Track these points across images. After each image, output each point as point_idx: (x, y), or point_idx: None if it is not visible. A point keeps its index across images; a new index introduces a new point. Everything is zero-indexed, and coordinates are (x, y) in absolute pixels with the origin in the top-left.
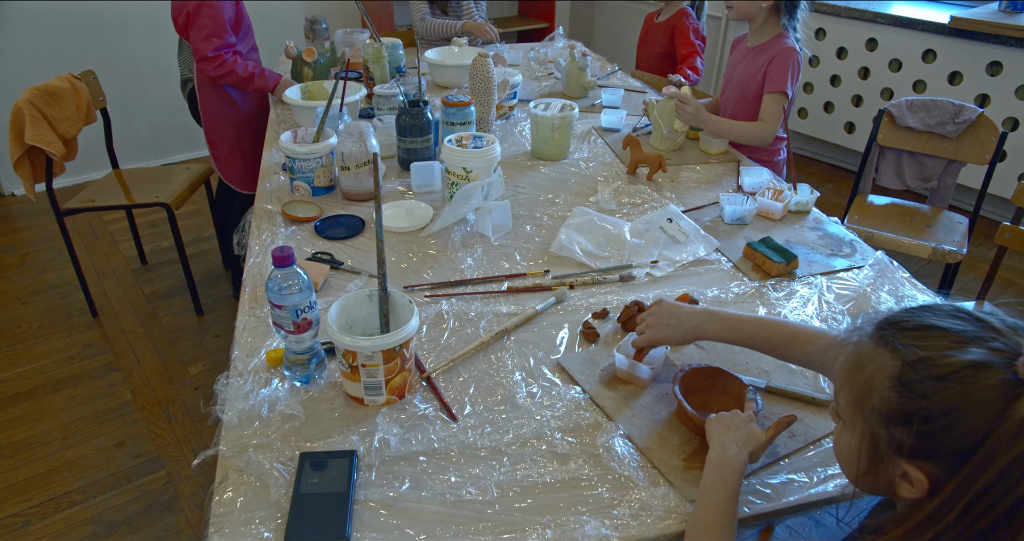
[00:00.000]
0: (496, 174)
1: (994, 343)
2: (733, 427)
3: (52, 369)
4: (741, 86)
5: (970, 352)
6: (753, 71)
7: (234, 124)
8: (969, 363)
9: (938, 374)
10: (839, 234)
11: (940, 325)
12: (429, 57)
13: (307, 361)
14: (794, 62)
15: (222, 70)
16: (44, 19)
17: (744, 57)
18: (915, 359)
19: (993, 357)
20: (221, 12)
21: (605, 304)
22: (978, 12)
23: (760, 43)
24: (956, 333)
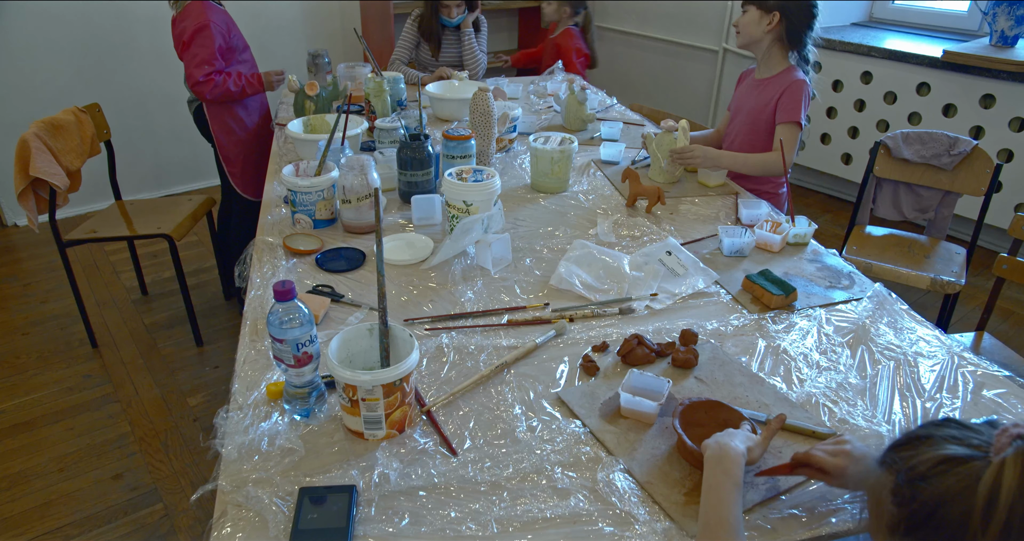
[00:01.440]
0: (496, 207)
1: (972, 440)
2: (727, 432)
3: (50, 400)
4: (751, 118)
5: (944, 449)
6: (763, 103)
7: (244, 138)
8: (943, 458)
9: (919, 474)
10: (837, 266)
11: (926, 434)
12: (430, 91)
13: (307, 395)
14: (806, 94)
15: (217, 91)
16: (52, 53)
17: (753, 89)
18: (902, 469)
19: (968, 451)
20: (212, 42)
21: (605, 337)
22: (969, 46)
23: (769, 76)
24: (939, 438)
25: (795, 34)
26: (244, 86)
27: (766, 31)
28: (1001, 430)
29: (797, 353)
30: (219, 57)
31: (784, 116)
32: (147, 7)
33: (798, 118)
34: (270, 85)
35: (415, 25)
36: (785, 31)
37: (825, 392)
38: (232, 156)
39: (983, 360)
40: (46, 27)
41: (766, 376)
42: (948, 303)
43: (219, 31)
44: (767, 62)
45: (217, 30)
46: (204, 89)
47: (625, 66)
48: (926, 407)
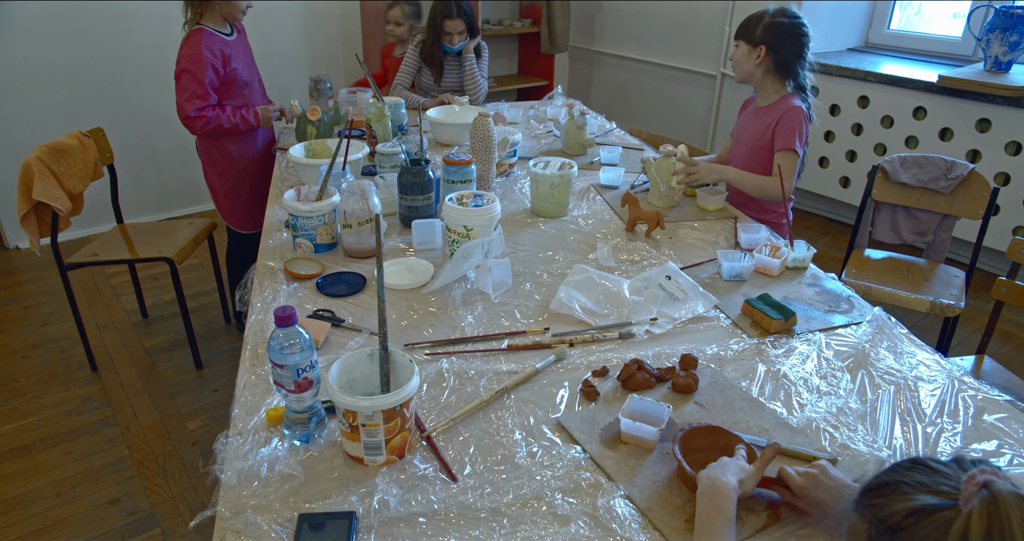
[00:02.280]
0: (496, 232)
1: (941, 487)
2: (719, 464)
3: (49, 424)
4: (751, 145)
5: (915, 499)
6: (762, 130)
7: (231, 170)
8: (913, 509)
9: (891, 526)
10: (837, 290)
11: (895, 481)
12: (431, 116)
13: (307, 420)
14: (802, 121)
15: (208, 127)
16: (57, 77)
17: (753, 117)
18: (873, 518)
19: (938, 500)
20: (203, 75)
21: (605, 362)
22: (964, 71)
23: (768, 104)
24: (907, 485)
25: (785, 65)
26: (238, 123)
27: (756, 65)
28: (968, 477)
29: (797, 378)
30: (211, 91)
31: (780, 143)
32: (151, 32)
33: (793, 145)
34: (267, 121)
35: (417, 51)
36: (774, 63)
37: (826, 417)
38: (216, 186)
39: (983, 384)
40: (51, 52)
41: (766, 401)
42: (948, 326)
43: (212, 63)
44: (764, 92)
45: (209, 62)
46: (195, 124)
47: (624, 91)
48: (927, 432)
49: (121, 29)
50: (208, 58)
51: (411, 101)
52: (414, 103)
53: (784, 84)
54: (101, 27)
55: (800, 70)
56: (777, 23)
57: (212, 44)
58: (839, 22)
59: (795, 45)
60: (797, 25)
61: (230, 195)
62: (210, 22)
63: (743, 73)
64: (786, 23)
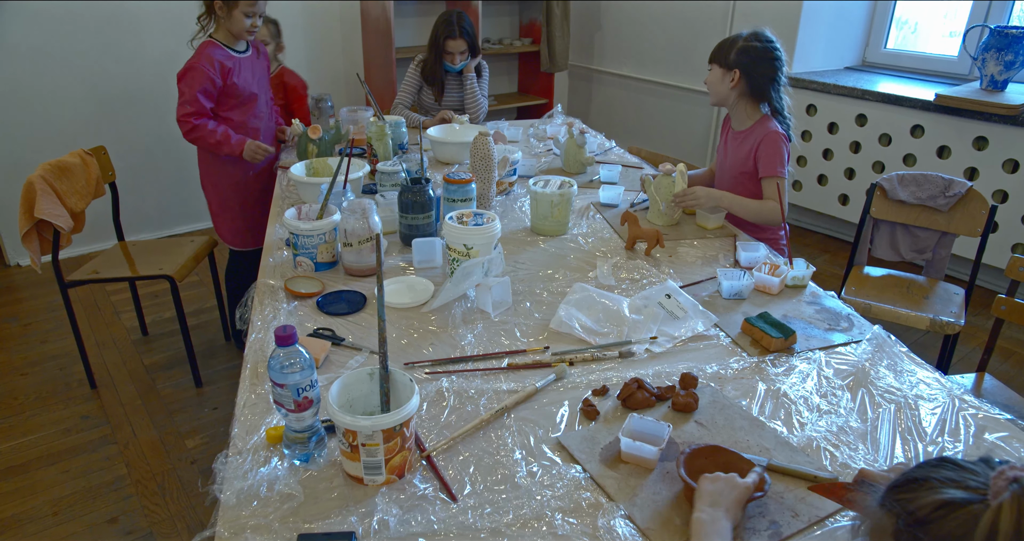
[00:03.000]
0: (496, 251)
1: (969, 482)
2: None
3: (47, 442)
4: (735, 171)
5: (943, 492)
6: (743, 156)
7: (223, 184)
8: (942, 503)
9: (919, 519)
10: (836, 308)
11: (923, 476)
12: (431, 134)
13: (307, 439)
14: (781, 145)
15: (193, 134)
16: (61, 96)
17: (732, 140)
18: (901, 512)
19: (966, 494)
20: (196, 83)
21: (605, 380)
22: (961, 90)
23: (744, 128)
24: (936, 480)
25: (758, 89)
26: (220, 141)
27: (730, 88)
28: (998, 473)
29: (797, 396)
30: (201, 99)
31: (765, 171)
32: (155, 52)
33: (778, 171)
34: (251, 156)
35: (418, 70)
36: (748, 87)
37: (826, 436)
38: (210, 197)
39: (984, 403)
40: (56, 71)
41: (766, 420)
42: (948, 343)
43: (209, 74)
44: (739, 116)
45: (206, 73)
46: (182, 128)
47: (623, 109)
48: (928, 451)
49: (126, 50)
50: (205, 68)
51: (412, 120)
52: (414, 122)
53: (758, 107)
54: (106, 48)
55: (774, 93)
56: (751, 47)
57: (214, 55)
58: (836, 41)
59: (768, 69)
60: (770, 49)
61: (222, 209)
62: (220, 36)
63: (717, 96)
64: (759, 47)
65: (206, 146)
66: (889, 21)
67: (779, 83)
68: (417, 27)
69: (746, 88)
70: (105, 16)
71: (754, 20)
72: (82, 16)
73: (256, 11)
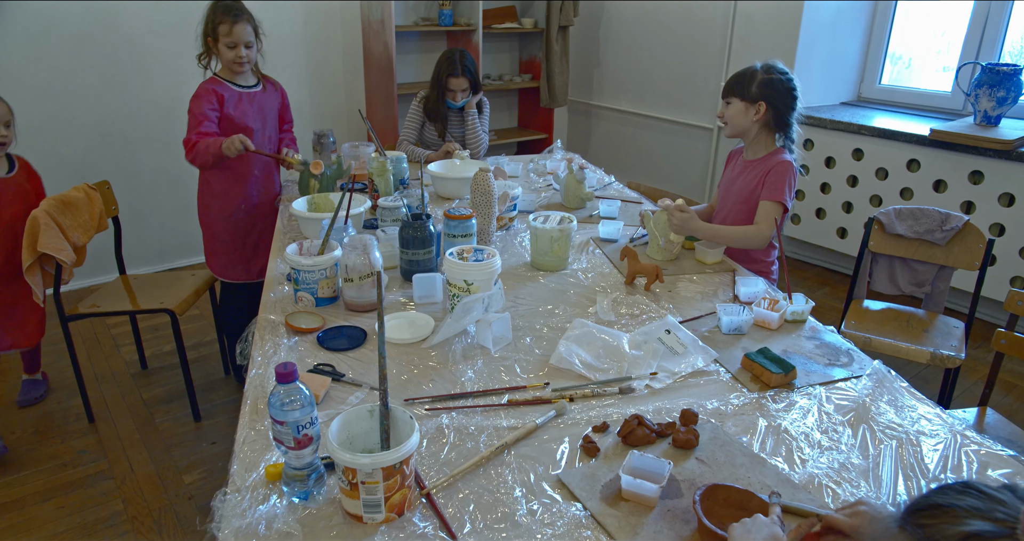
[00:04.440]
0: (497, 287)
1: (996, 513)
2: (755, 530)
3: (43, 477)
4: (742, 197)
5: (969, 524)
6: (752, 184)
7: (214, 212)
8: (966, 535)
9: None
10: (836, 343)
11: (948, 503)
12: (432, 170)
13: (306, 477)
14: (791, 174)
15: (193, 153)
16: (66, 131)
17: (743, 171)
18: (925, 538)
19: (993, 527)
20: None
21: (605, 417)
22: (955, 125)
23: (758, 157)
24: (961, 509)
25: (781, 119)
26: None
27: (754, 121)
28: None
29: (798, 432)
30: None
31: (767, 194)
32: (158, 90)
33: (781, 197)
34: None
35: (420, 106)
36: (772, 117)
37: (828, 473)
38: (204, 227)
39: (986, 439)
40: (62, 107)
41: (767, 456)
42: (949, 377)
43: (207, 100)
44: (755, 146)
45: (207, 99)
46: (186, 150)
47: (622, 144)
48: (931, 488)
49: (130, 87)
50: (203, 95)
51: (416, 154)
52: (419, 156)
53: (775, 138)
54: (111, 84)
55: (793, 122)
56: (773, 80)
57: (212, 86)
58: (832, 77)
59: (789, 100)
60: (789, 80)
61: (211, 239)
62: (222, 73)
63: (738, 129)
64: (781, 79)
65: (202, 161)
66: (883, 57)
67: (796, 112)
68: (419, 63)
69: (769, 119)
70: (110, 53)
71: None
72: (88, 53)
73: (236, 41)
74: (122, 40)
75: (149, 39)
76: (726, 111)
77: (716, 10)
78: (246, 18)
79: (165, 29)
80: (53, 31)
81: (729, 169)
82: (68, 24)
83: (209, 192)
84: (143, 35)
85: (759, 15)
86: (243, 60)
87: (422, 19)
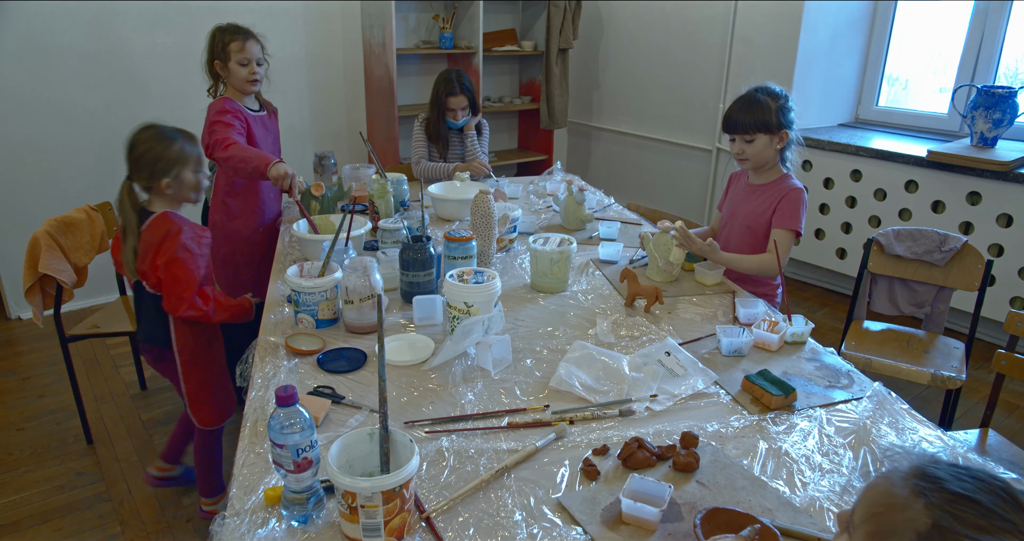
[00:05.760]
0: (497, 309)
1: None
2: None
3: (40, 499)
4: (748, 223)
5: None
6: (762, 210)
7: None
8: None
9: None
10: (836, 365)
11: (978, 499)
12: (432, 192)
13: (306, 500)
14: (803, 203)
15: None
16: (69, 153)
17: (750, 195)
18: (944, 526)
19: None
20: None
21: (605, 440)
22: (952, 147)
23: (765, 182)
24: (989, 512)
25: (789, 143)
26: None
27: (776, 149)
28: None
29: (799, 455)
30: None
31: (782, 222)
32: (160, 112)
33: (797, 226)
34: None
35: (423, 128)
36: (791, 138)
37: (829, 496)
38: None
39: (988, 461)
40: (65, 129)
41: (768, 479)
42: (951, 398)
43: (236, 113)
44: (766, 172)
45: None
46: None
47: (621, 165)
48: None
49: (132, 109)
50: (230, 110)
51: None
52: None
53: (779, 161)
54: (113, 106)
55: (796, 145)
56: (783, 106)
57: (232, 104)
58: (830, 99)
59: (792, 122)
60: (790, 100)
61: (218, 260)
62: (231, 96)
63: (763, 161)
64: (787, 102)
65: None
66: (880, 79)
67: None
68: (419, 86)
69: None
70: (112, 75)
71: (749, 78)
72: (91, 75)
73: (249, 58)
74: (124, 62)
75: (151, 61)
76: (748, 148)
77: (714, 33)
78: (255, 37)
79: (167, 51)
80: (56, 52)
81: (732, 192)
82: (71, 45)
83: (227, 214)
84: (145, 57)
85: (757, 38)
86: (257, 78)
87: (423, 42)
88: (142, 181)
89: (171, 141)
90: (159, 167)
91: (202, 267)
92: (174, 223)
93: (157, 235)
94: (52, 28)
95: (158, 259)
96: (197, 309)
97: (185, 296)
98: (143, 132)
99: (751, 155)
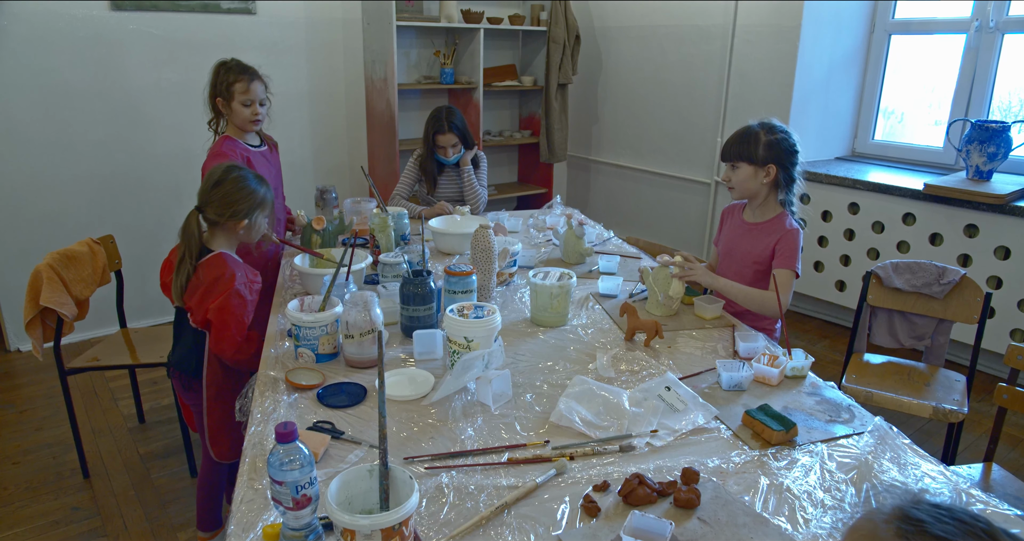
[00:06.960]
0: (497, 344)
1: None
2: None
3: (33, 536)
4: (746, 262)
5: None
6: (759, 249)
7: None
8: None
9: None
10: (836, 399)
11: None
12: (433, 226)
13: (304, 538)
14: (800, 243)
15: None
16: (72, 186)
17: (746, 233)
18: None
19: None
20: None
21: (606, 476)
22: (948, 180)
23: (762, 220)
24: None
25: (788, 177)
26: None
27: (763, 184)
28: None
29: (801, 491)
30: None
31: (782, 263)
32: (163, 147)
33: (795, 266)
34: None
35: (416, 163)
36: (782, 179)
37: (832, 533)
38: None
39: (992, 497)
40: (68, 163)
41: (770, 516)
42: (953, 431)
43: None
44: (761, 207)
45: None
46: None
47: (621, 198)
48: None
49: (136, 143)
50: (229, 154)
51: (410, 210)
52: (412, 211)
53: (778, 198)
54: (117, 140)
55: (797, 177)
56: (778, 140)
57: (233, 146)
58: (826, 133)
59: (794, 158)
60: (791, 139)
61: None
62: (232, 133)
63: (747, 191)
64: (785, 140)
65: None
66: (876, 112)
67: (799, 166)
68: (420, 121)
69: (780, 180)
70: (117, 110)
71: (746, 113)
72: (95, 110)
73: (252, 98)
74: (129, 98)
75: (155, 96)
76: (733, 175)
77: (711, 68)
78: (259, 77)
79: (171, 86)
80: (60, 87)
81: (727, 228)
82: (75, 81)
83: None
84: (149, 92)
85: (753, 74)
86: (259, 118)
87: (424, 77)
88: (216, 216)
89: (259, 184)
90: (242, 207)
91: (250, 313)
92: (228, 267)
93: (211, 276)
94: (58, 64)
95: (210, 302)
96: (245, 353)
97: (235, 340)
98: (233, 171)
99: (736, 183)
